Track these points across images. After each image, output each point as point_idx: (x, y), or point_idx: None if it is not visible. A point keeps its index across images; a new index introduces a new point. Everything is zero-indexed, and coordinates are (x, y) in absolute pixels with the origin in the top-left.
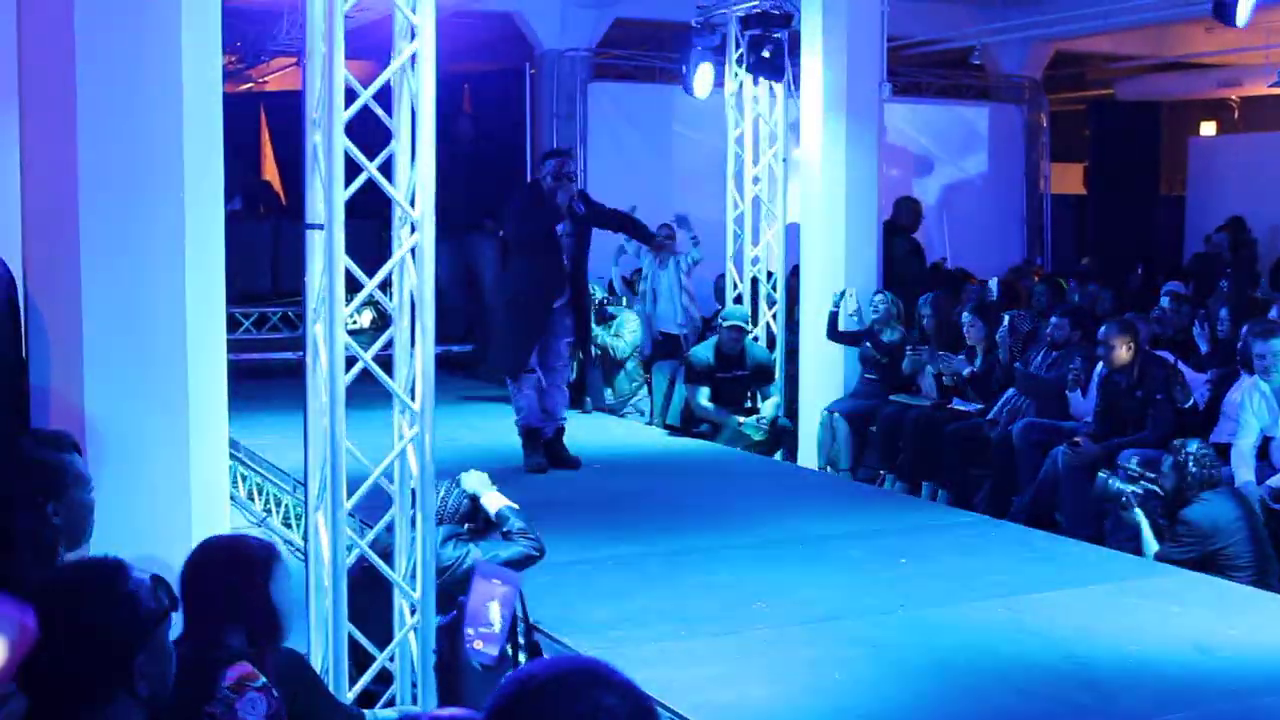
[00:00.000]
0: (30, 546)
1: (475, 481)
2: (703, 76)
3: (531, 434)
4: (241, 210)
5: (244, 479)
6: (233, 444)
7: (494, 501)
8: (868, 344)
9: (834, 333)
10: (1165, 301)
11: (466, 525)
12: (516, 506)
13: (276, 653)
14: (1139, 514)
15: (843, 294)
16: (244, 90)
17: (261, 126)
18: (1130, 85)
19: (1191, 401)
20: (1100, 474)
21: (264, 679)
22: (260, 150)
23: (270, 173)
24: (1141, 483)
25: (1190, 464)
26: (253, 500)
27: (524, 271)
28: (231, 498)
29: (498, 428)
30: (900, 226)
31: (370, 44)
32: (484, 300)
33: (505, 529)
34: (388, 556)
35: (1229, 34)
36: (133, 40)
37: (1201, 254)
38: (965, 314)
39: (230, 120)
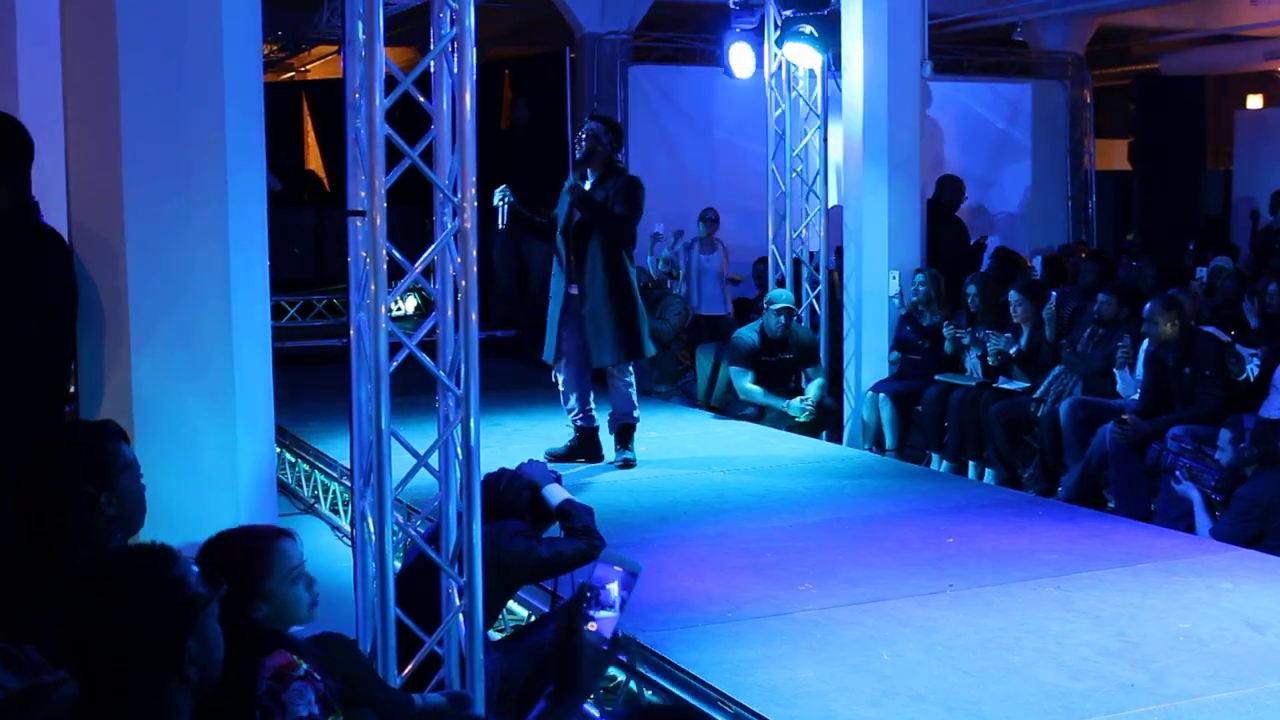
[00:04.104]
0: (84, 540)
1: (555, 491)
2: (742, 57)
3: (583, 430)
4: (282, 191)
5: (292, 466)
6: (280, 431)
7: (557, 494)
8: (908, 328)
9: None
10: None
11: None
12: (584, 504)
13: (325, 637)
14: (1193, 489)
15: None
16: (286, 79)
17: (304, 115)
18: (1175, 59)
19: (1245, 374)
20: (1153, 449)
21: (305, 665)
22: (303, 139)
23: (314, 161)
24: (1195, 458)
25: (1246, 439)
26: (301, 487)
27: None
28: (279, 484)
29: (543, 413)
30: (943, 205)
31: (411, 30)
32: (534, 287)
33: (568, 524)
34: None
35: (1275, 5)
36: (175, 29)
37: (1262, 231)
38: (1011, 292)
39: (272, 109)
